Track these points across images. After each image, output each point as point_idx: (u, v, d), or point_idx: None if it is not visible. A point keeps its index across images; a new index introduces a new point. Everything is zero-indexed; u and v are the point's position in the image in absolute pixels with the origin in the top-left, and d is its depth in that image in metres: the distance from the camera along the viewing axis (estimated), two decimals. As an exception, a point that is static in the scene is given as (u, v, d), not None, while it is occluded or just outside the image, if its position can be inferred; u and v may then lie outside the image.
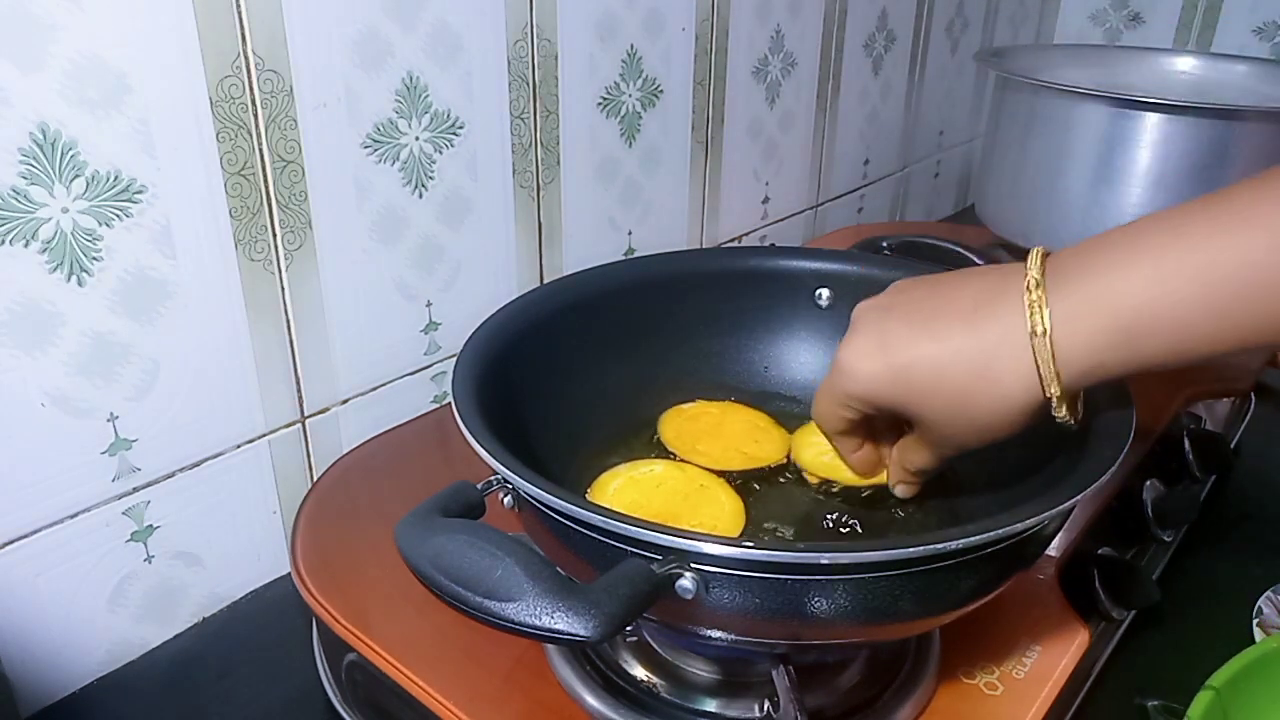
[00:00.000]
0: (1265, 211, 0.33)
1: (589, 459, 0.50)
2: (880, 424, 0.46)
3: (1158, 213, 0.36)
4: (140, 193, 0.47)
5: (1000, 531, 0.33)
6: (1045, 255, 0.37)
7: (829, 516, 0.47)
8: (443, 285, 0.65)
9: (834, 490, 0.49)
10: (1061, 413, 0.37)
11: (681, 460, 0.50)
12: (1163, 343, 0.34)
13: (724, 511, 0.46)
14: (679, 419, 0.54)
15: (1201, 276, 0.33)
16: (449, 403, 0.49)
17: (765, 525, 0.47)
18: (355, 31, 0.54)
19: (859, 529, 0.47)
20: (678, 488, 0.48)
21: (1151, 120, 0.71)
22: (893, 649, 0.45)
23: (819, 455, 0.50)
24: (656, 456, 0.51)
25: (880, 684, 0.43)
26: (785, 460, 0.51)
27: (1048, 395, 0.36)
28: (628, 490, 0.47)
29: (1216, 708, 0.39)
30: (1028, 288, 0.36)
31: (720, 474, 0.49)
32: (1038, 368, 0.35)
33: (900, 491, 0.47)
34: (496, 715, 0.42)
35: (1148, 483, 0.59)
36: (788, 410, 0.55)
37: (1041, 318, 0.35)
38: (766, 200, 0.95)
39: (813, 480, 0.50)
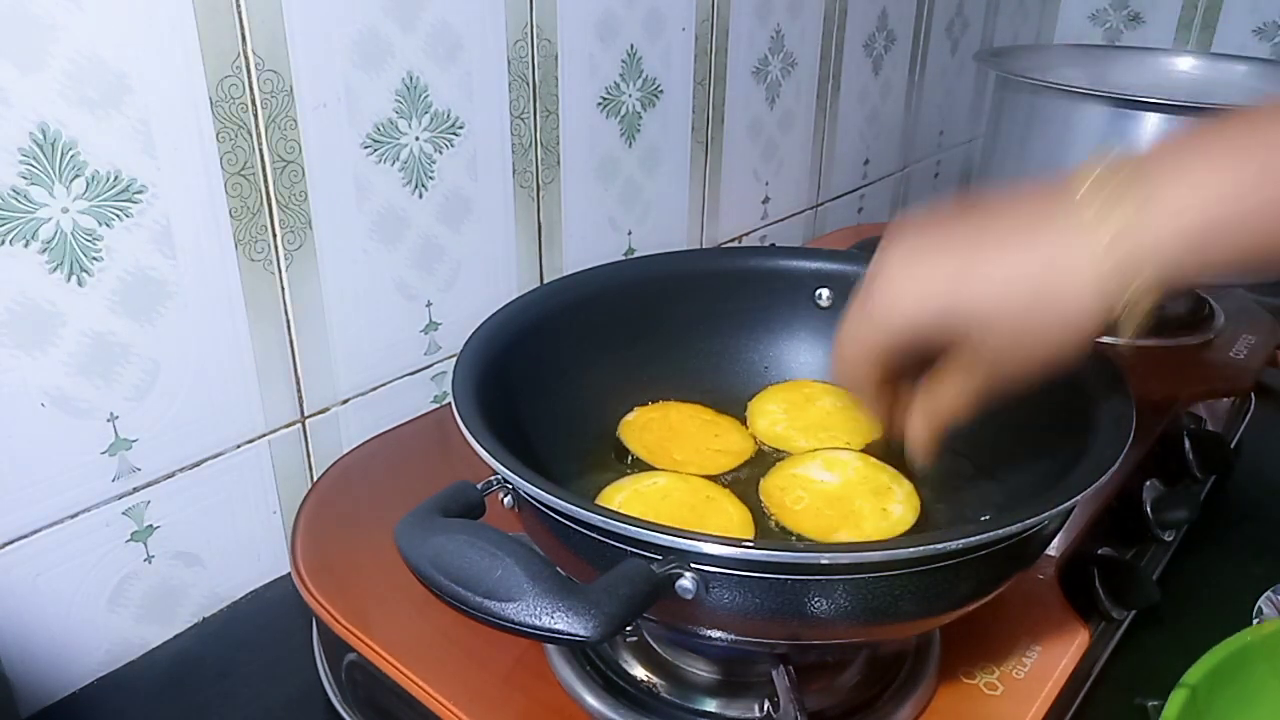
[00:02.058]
0: None
1: (589, 459, 0.50)
2: (906, 369, 0.41)
3: (1245, 112, 0.34)
4: (140, 193, 0.47)
5: (1000, 531, 0.33)
6: (1108, 159, 0.35)
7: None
8: (443, 285, 0.65)
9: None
10: (1132, 319, 0.34)
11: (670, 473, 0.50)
12: (1235, 246, 0.33)
13: (732, 522, 0.46)
14: (634, 431, 0.53)
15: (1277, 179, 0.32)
16: (449, 403, 0.49)
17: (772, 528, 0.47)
18: (355, 31, 0.54)
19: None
20: (683, 499, 0.47)
21: (1151, 120, 0.71)
22: (893, 649, 0.45)
23: (772, 425, 0.52)
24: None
25: (880, 684, 0.43)
26: (756, 448, 0.52)
27: (1117, 304, 0.34)
28: (633, 504, 0.47)
29: (1191, 707, 0.39)
30: (1095, 187, 0.34)
31: (711, 479, 0.49)
32: (1110, 273, 0.33)
33: (921, 454, 0.42)
34: (496, 715, 0.42)
35: (1148, 483, 0.59)
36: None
37: (1116, 217, 0.33)
38: (766, 200, 0.95)
39: (767, 449, 0.51)
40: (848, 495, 0.48)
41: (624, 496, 0.48)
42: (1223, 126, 0.34)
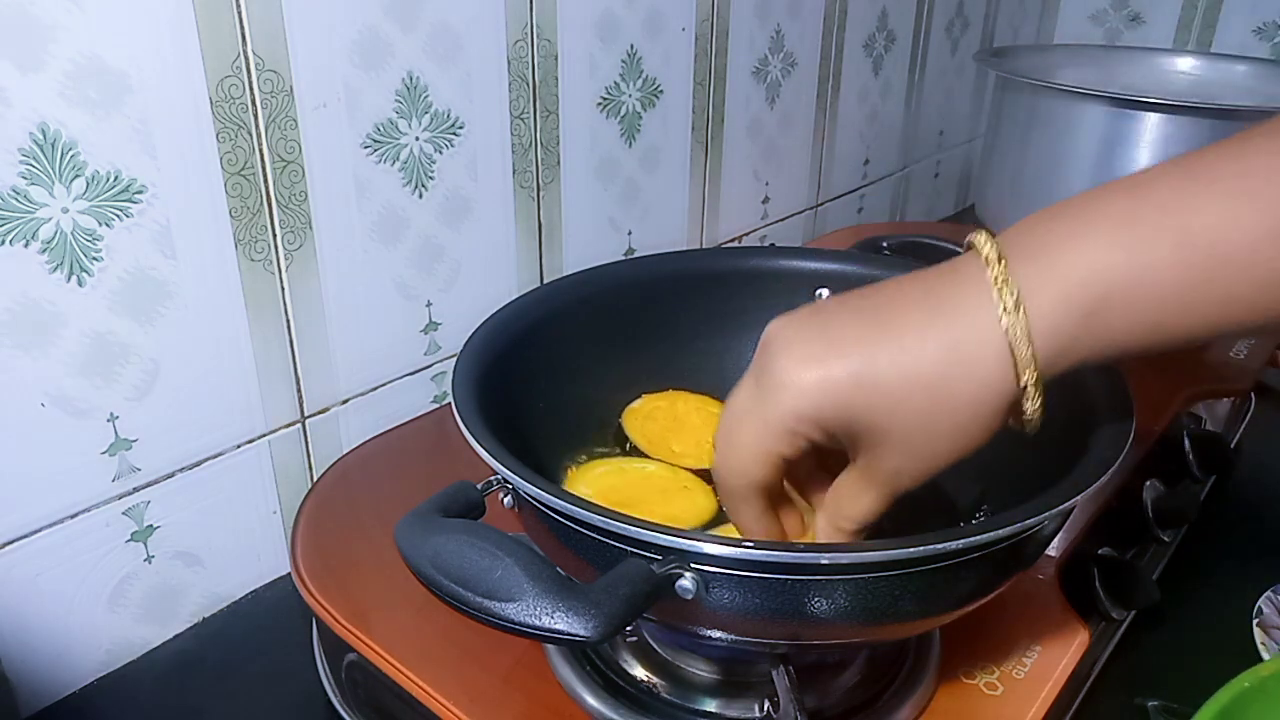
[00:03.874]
0: (1250, 167, 0.30)
1: (589, 458, 0.51)
2: (797, 470, 0.39)
3: (1111, 182, 0.32)
4: (140, 193, 0.47)
5: (1000, 531, 0.33)
6: (991, 234, 0.33)
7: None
8: (443, 285, 0.65)
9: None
10: (1034, 405, 0.32)
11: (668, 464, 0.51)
12: (1136, 319, 0.31)
13: (696, 509, 0.46)
14: (637, 420, 0.53)
15: (1177, 242, 0.30)
16: (449, 403, 0.49)
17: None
18: (355, 31, 0.54)
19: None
20: (658, 484, 0.48)
21: (1151, 120, 0.71)
22: (893, 649, 0.45)
23: None
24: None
25: (880, 684, 0.43)
26: None
27: (1022, 383, 0.32)
28: (611, 476, 0.48)
29: None
30: (987, 262, 0.32)
31: (708, 471, 0.50)
32: (1011, 350, 0.31)
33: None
34: (496, 715, 0.42)
35: (1148, 483, 0.59)
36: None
37: (1010, 291, 0.31)
38: (766, 200, 0.95)
39: None
40: None
41: (606, 468, 0.49)
42: (1114, 188, 0.32)
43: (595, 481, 0.48)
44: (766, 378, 0.34)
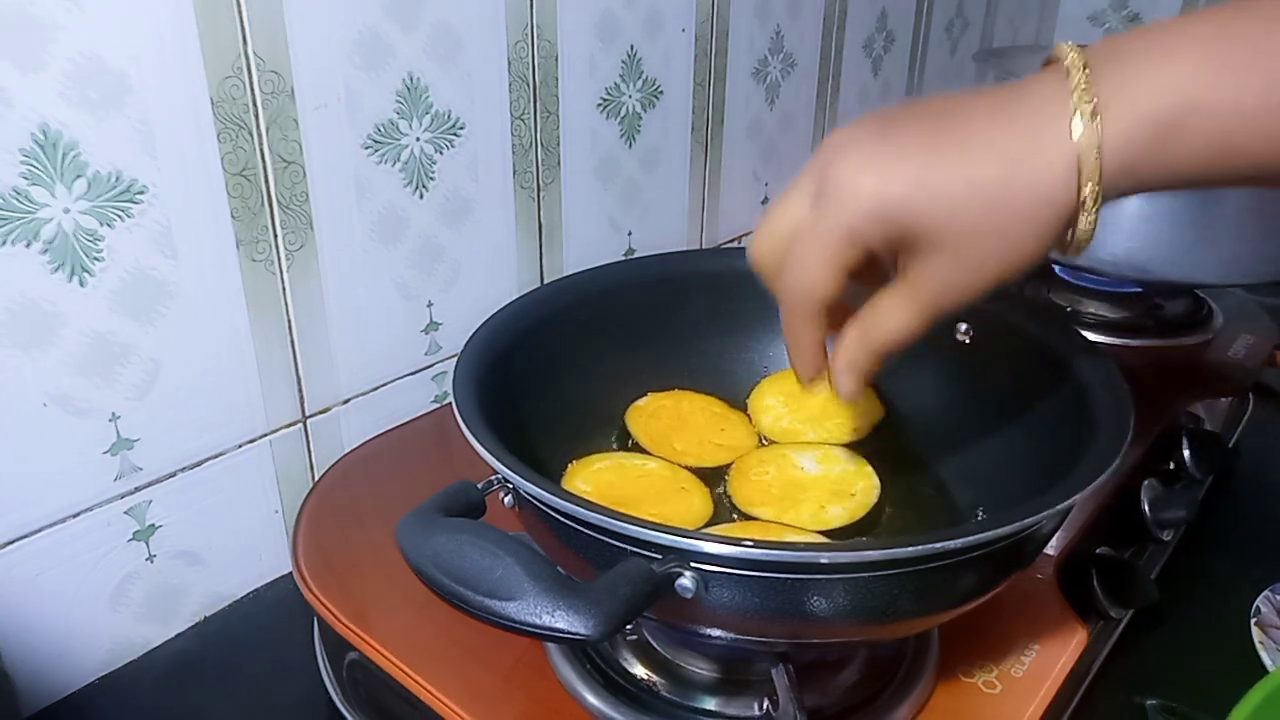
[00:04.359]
0: None
1: (589, 458, 0.51)
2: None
3: (1202, 10, 0.32)
4: (141, 193, 0.47)
5: (998, 531, 0.33)
6: (1078, 47, 0.33)
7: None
8: (443, 285, 0.65)
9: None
10: (1088, 220, 0.32)
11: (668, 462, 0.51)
12: (1209, 143, 0.31)
13: (691, 511, 0.47)
14: (642, 417, 0.53)
15: (1259, 70, 0.30)
16: (450, 402, 0.50)
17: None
18: (356, 32, 0.54)
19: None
20: (656, 483, 0.48)
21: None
22: (891, 647, 0.45)
23: (776, 421, 0.52)
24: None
25: (879, 682, 0.43)
26: (757, 444, 0.53)
27: (1083, 196, 0.31)
28: (610, 472, 0.48)
29: None
30: (1070, 69, 0.31)
31: (707, 470, 0.50)
32: (1079, 160, 0.31)
33: (846, 383, 0.37)
34: (497, 714, 0.42)
35: (1146, 482, 0.59)
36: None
37: (1089, 99, 0.31)
38: (766, 200, 0.95)
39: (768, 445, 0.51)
40: (807, 486, 0.48)
41: (606, 464, 0.49)
42: (1204, 16, 0.32)
43: (594, 476, 0.48)
44: (828, 185, 0.33)
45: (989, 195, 0.32)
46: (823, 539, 0.44)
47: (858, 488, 0.48)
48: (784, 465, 0.50)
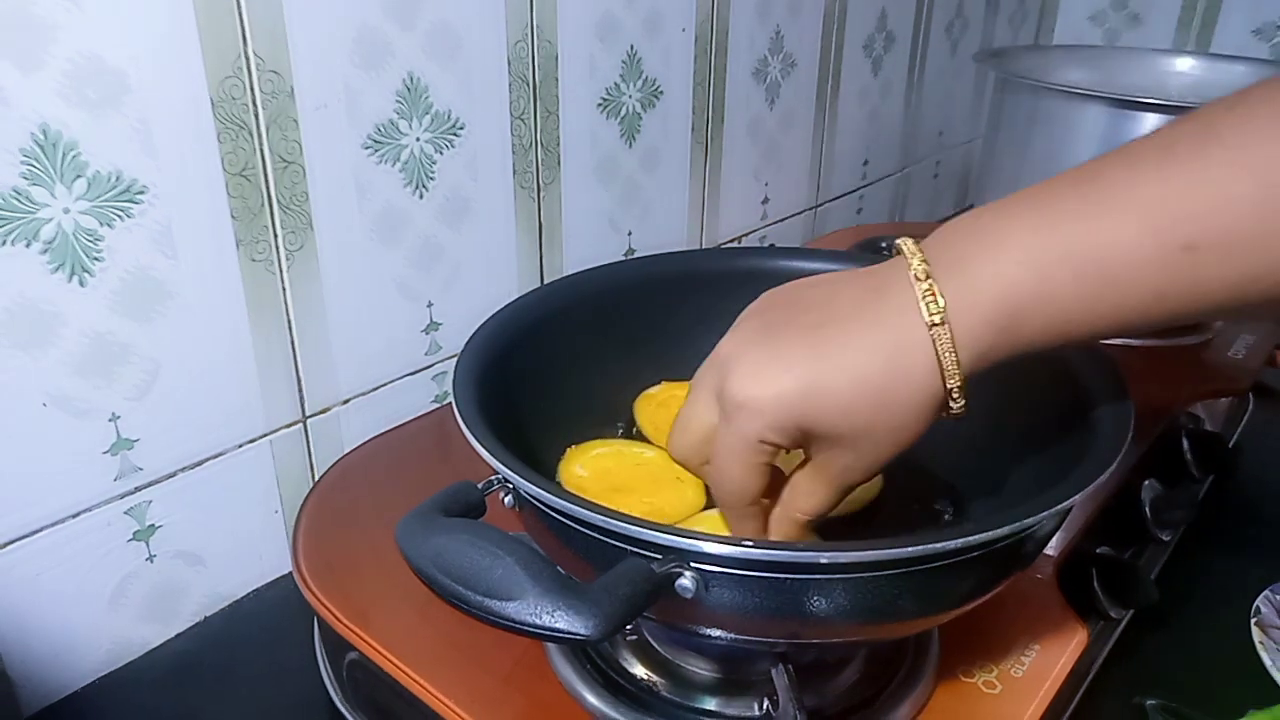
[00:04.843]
0: (1139, 191, 0.32)
1: (588, 444, 0.51)
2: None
3: (1027, 190, 0.35)
4: (141, 193, 0.47)
5: (998, 531, 0.33)
6: (916, 242, 0.36)
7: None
8: (443, 285, 0.65)
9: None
10: (959, 403, 0.35)
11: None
12: (1042, 326, 0.34)
13: (684, 503, 0.46)
14: (650, 406, 0.53)
15: (1072, 260, 0.32)
16: (450, 402, 0.50)
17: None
18: (355, 31, 0.54)
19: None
20: (652, 471, 0.48)
21: (1151, 120, 0.71)
22: (891, 648, 0.45)
23: None
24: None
25: (879, 682, 0.43)
26: None
27: (949, 386, 0.34)
28: (608, 458, 0.48)
29: None
30: (916, 278, 0.34)
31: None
32: (938, 358, 0.34)
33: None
34: (497, 714, 0.42)
35: (1146, 482, 0.59)
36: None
37: (937, 305, 0.34)
38: (766, 200, 0.95)
39: None
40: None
41: (604, 450, 0.49)
42: (1023, 199, 0.34)
43: (591, 463, 0.48)
44: (727, 401, 0.37)
45: (873, 394, 0.35)
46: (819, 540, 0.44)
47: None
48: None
